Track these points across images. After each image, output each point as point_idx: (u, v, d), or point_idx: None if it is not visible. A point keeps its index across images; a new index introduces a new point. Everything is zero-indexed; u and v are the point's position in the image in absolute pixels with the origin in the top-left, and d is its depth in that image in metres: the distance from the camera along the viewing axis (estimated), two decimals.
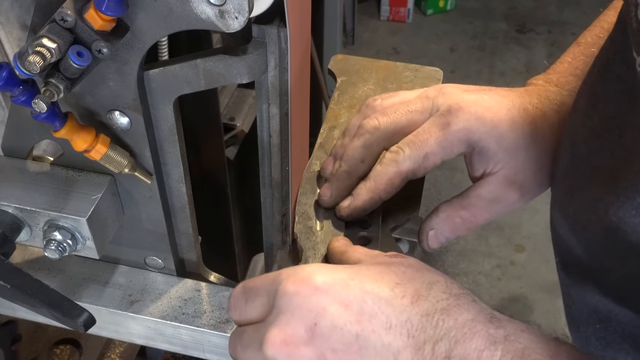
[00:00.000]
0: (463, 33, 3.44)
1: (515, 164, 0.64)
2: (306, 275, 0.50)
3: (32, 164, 0.64)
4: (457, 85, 0.68)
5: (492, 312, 0.49)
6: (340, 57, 0.94)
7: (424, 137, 0.64)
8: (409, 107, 0.67)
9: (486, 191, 0.66)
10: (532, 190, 0.66)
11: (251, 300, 0.53)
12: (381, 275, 0.51)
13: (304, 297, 0.49)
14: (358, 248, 0.61)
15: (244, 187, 1.33)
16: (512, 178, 0.65)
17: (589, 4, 3.51)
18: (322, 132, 0.85)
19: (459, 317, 0.48)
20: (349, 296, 0.49)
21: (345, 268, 0.52)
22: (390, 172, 0.65)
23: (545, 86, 0.68)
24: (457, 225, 0.67)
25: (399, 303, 0.49)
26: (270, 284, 0.52)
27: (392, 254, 0.56)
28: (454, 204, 0.67)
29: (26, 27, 0.69)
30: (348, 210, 0.67)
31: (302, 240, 0.66)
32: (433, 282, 0.51)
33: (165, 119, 0.59)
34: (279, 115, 0.59)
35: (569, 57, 0.70)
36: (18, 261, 0.73)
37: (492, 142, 0.63)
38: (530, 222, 2.51)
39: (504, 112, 0.64)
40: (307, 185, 0.71)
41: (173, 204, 0.67)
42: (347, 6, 3.03)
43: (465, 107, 0.64)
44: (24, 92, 0.49)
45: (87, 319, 0.57)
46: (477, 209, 0.66)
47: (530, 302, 2.26)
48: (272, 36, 0.54)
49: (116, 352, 1.00)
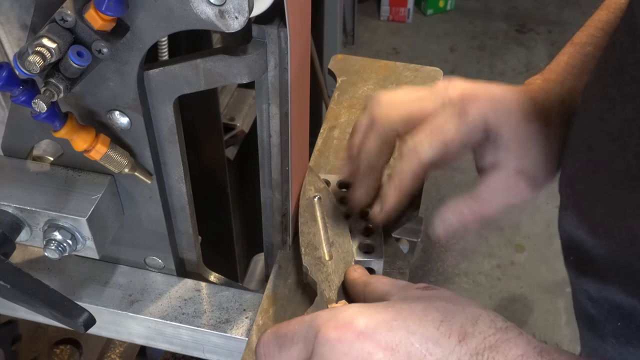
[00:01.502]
0: (463, 33, 3.44)
1: (527, 155, 0.63)
2: (347, 320, 0.47)
3: (32, 164, 0.64)
4: (463, 79, 0.67)
5: (541, 345, 0.47)
6: (340, 57, 0.94)
7: (442, 126, 0.62)
8: (418, 94, 0.66)
9: (495, 181, 0.64)
10: (541, 183, 0.65)
11: (286, 349, 0.50)
12: (424, 313, 0.48)
13: (348, 344, 0.46)
14: (381, 278, 0.59)
15: (244, 187, 1.33)
16: (523, 169, 0.63)
17: (589, 4, 3.50)
18: (322, 132, 0.85)
19: (509, 354, 0.46)
20: (394, 339, 0.46)
21: (386, 308, 0.49)
22: (413, 164, 0.63)
23: (544, 85, 0.68)
24: (465, 216, 0.65)
25: (446, 343, 0.46)
26: (307, 329, 0.49)
27: (423, 286, 0.54)
28: (464, 195, 0.66)
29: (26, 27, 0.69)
30: (382, 216, 0.66)
31: (314, 273, 0.64)
32: (477, 317, 0.48)
33: (165, 119, 0.59)
34: (279, 115, 0.59)
35: (565, 56, 0.70)
36: (18, 261, 0.73)
37: (507, 131, 0.62)
38: (530, 222, 2.51)
39: (515, 103, 0.63)
40: (305, 213, 0.69)
41: (173, 204, 0.67)
42: (347, 6, 3.03)
43: (480, 94, 0.63)
44: (24, 92, 0.49)
45: (87, 319, 0.57)
46: (486, 200, 0.65)
47: (530, 302, 2.26)
48: (272, 36, 0.54)
49: (116, 352, 1.00)
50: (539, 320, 2.20)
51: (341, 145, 0.83)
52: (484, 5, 3.64)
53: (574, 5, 3.58)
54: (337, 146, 0.83)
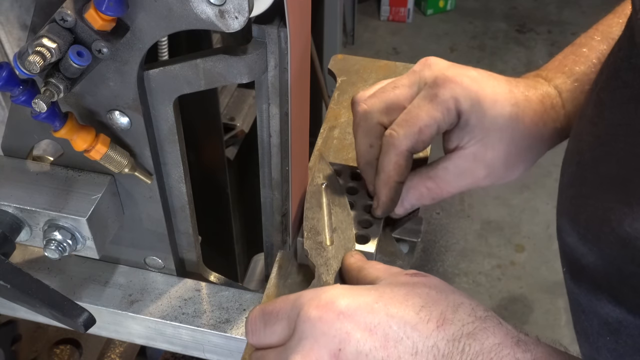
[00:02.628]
0: (463, 33, 3.44)
1: (488, 142, 0.65)
2: (329, 300, 0.49)
3: (32, 164, 0.64)
4: (443, 60, 0.68)
5: (519, 335, 0.48)
6: (340, 57, 0.94)
7: (415, 113, 0.65)
8: (395, 83, 0.68)
9: (453, 165, 0.67)
10: (499, 173, 0.67)
11: (270, 325, 0.52)
12: (405, 297, 0.50)
13: (328, 323, 0.48)
14: (375, 264, 0.60)
15: (244, 187, 1.33)
16: (481, 156, 0.65)
17: (589, 4, 3.50)
18: (322, 132, 0.85)
19: (486, 342, 0.47)
20: (373, 321, 0.48)
21: (369, 290, 0.51)
22: (392, 156, 0.65)
23: (535, 78, 0.70)
24: (423, 195, 0.68)
25: (424, 328, 0.48)
26: (291, 307, 0.51)
27: (413, 272, 0.55)
28: (422, 174, 0.68)
29: (26, 27, 0.69)
30: (380, 210, 0.69)
31: (314, 257, 0.65)
32: (458, 305, 0.50)
33: (165, 119, 0.59)
34: (279, 115, 0.59)
35: (561, 56, 0.71)
36: (18, 261, 0.73)
37: (474, 117, 0.64)
38: (530, 222, 2.51)
39: (489, 88, 0.65)
40: (312, 199, 0.70)
41: (173, 204, 0.67)
42: (347, 6, 3.03)
43: (452, 77, 0.64)
44: (24, 92, 0.49)
45: (87, 319, 0.57)
46: (443, 181, 0.67)
47: (530, 302, 2.26)
48: (272, 36, 0.54)
49: (116, 352, 1.00)
50: (539, 320, 2.20)
51: (341, 145, 0.83)
52: (484, 5, 3.64)
53: (574, 5, 3.58)
54: (337, 146, 0.83)
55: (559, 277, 2.45)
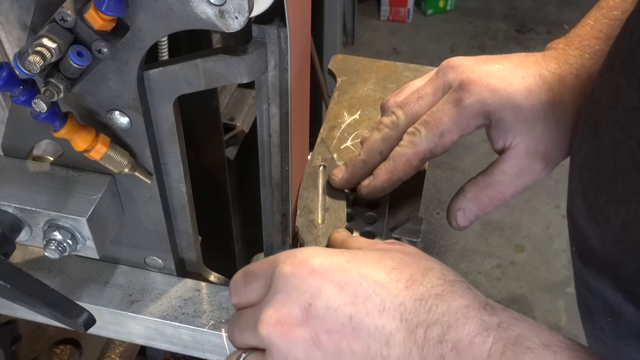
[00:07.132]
0: (463, 33, 3.44)
1: (535, 134, 0.64)
2: (304, 258, 0.51)
3: (32, 164, 0.64)
4: (466, 57, 0.67)
5: (486, 300, 0.49)
6: (340, 57, 0.94)
7: (439, 116, 0.65)
8: (419, 94, 0.68)
9: (509, 166, 0.65)
10: (556, 159, 0.66)
11: (250, 283, 0.54)
12: (378, 259, 0.51)
13: (300, 279, 0.49)
14: (359, 238, 0.62)
15: (244, 187, 1.33)
16: (534, 149, 0.64)
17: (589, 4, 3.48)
18: (322, 132, 0.85)
19: (453, 303, 0.48)
20: (344, 279, 0.49)
21: (343, 252, 0.52)
22: (408, 153, 0.66)
23: (565, 49, 0.67)
24: (485, 204, 0.68)
25: (393, 287, 0.49)
26: (269, 267, 0.52)
27: (391, 242, 0.57)
28: (479, 183, 0.67)
29: (26, 27, 0.69)
30: (367, 189, 0.69)
31: (304, 233, 0.66)
32: (429, 269, 0.51)
33: (165, 119, 0.59)
34: (279, 115, 0.59)
35: (591, 20, 0.69)
36: (18, 261, 0.73)
37: (508, 113, 0.63)
38: (530, 222, 2.51)
39: (519, 81, 0.64)
40: (308, 180, 0.72)
41: (173, 204, 0.67)
42: (347, 6, 3.03)
43: (476, 80, 0.63)
44: (24, 92, 0.49)
45: (87, 319, 0.57)
46: (503, 185, 0.66)
47: (530, 302, 2.26)
48: (272, 36, 0.54)
49: (116, 352, 1.00)
50: (539, 320, 2.18)
51: (341, 145, 0.83)
52: (484, 5, 3.64)
53: (573, 6, 3.58)
54: (337, 146, 0.83)
55: (559, 277, 2.46)
